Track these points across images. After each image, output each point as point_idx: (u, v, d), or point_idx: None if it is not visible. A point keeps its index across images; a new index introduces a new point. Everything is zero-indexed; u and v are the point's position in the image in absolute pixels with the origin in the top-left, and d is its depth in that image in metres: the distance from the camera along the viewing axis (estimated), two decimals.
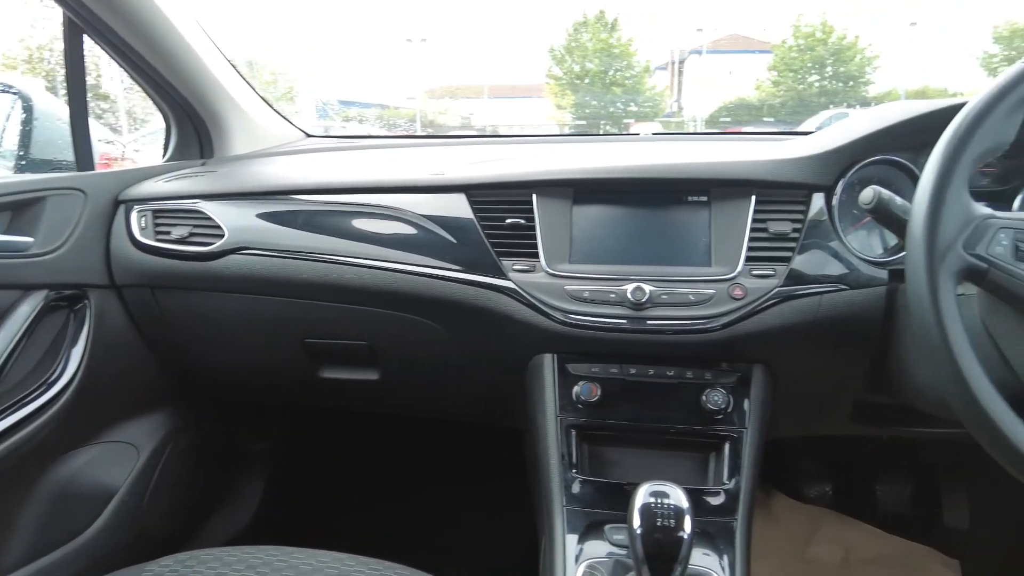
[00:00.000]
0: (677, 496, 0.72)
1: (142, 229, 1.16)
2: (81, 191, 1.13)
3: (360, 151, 1.50)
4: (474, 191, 1.03)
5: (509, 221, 1.00)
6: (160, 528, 1.33)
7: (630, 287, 0.92)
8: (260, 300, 1.13)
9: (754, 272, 0.92)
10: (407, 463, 1.89)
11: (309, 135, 1.67)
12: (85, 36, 1.19)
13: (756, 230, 0.94)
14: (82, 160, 1.23)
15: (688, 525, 0.70)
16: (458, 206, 1.03)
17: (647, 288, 0.92)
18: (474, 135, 2.57)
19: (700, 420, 0.96)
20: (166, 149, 1.43)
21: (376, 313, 1.08)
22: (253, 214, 1.12)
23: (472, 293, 1.00)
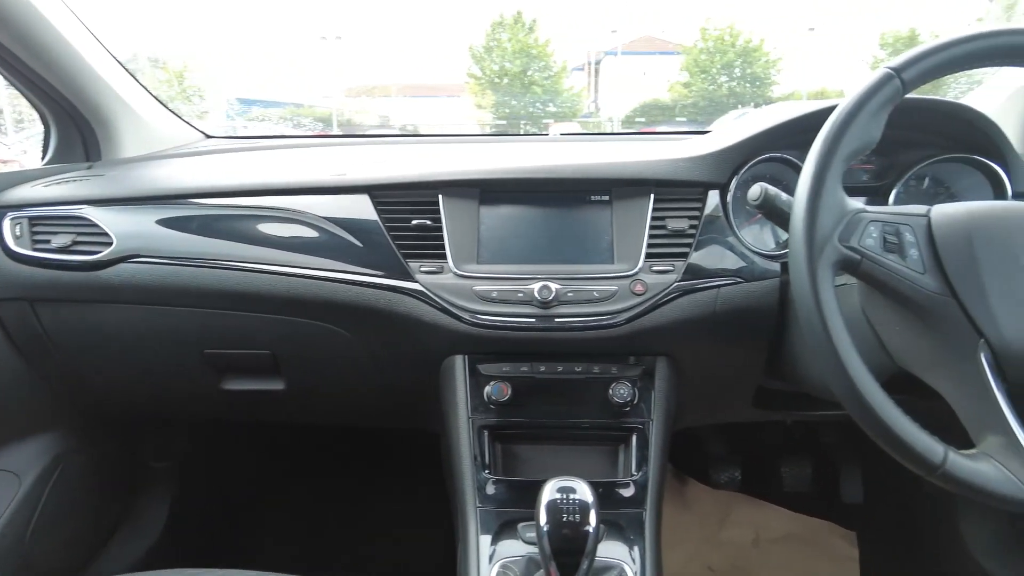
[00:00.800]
0: (583, 490, 0.73)
1: (16, 238, 1.08)
2: None
3: (262, 152, 1.44)
4: (378, 192, 1.02)
5: (415, 222, 0.99)
6: (48, 561, 1.23)
7: (537, 286, 0.93)
8: (154, 311, 1.07)
9: (654, 268, 0.95)
10: (322, 473, 1.84)
11: (209, 136, 1.59)
12: None
13: (655, 227, 0.96)
14: None
15: (594, 519, 0.71)
16: (362, 207, 1.01)
17: (553, 287, 0.93)
18: (381, 135, 2.50)
19: (608, 414, 0.98)
20: (45, 151, 1.33)
21: (279, 320, 1.04)
22: (144, 220, 1.06)
23: (379, 296, 0.98)
